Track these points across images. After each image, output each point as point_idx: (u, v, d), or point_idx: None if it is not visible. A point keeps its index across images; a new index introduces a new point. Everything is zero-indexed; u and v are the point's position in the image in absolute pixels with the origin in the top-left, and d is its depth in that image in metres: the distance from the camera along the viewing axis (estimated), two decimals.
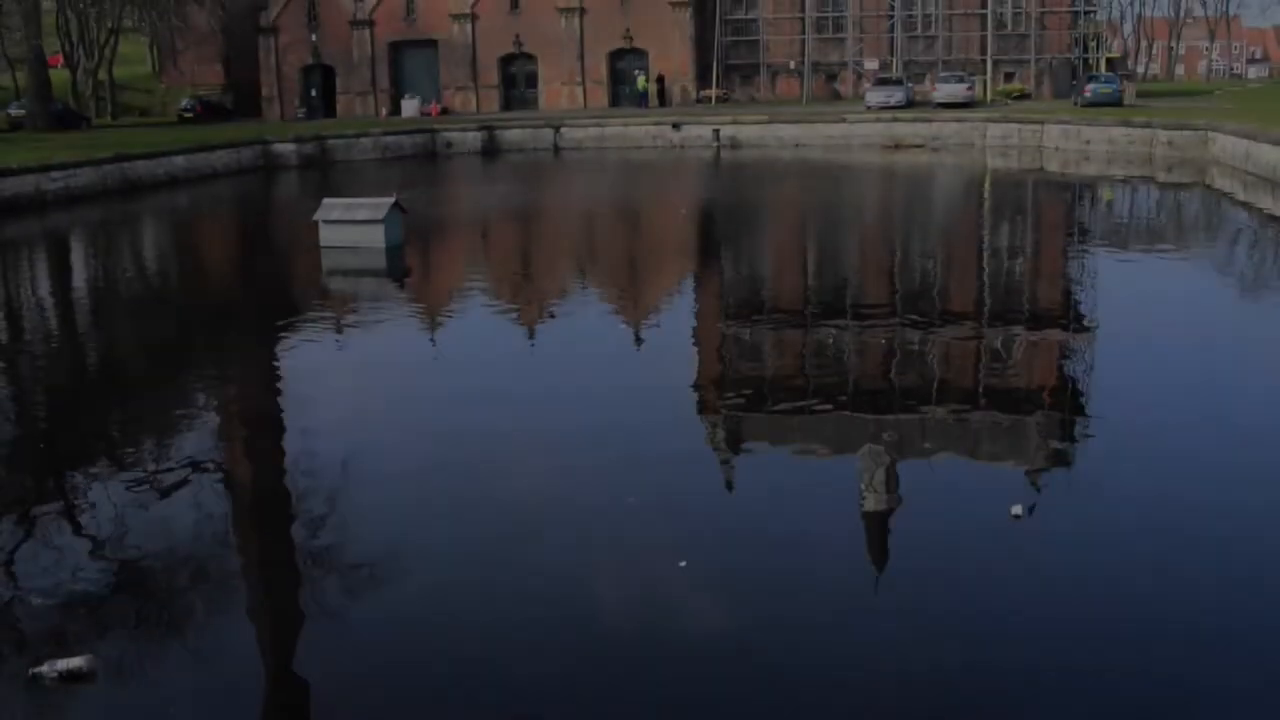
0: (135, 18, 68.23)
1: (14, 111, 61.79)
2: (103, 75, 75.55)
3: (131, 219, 32.75)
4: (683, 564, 7.62)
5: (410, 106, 64.43)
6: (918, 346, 13.91)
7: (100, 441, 11.25)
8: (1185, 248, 22.68)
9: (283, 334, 15.78)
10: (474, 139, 51.32)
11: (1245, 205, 26.58)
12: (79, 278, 23.53)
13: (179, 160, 41.43)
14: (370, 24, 66.28)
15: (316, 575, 7.84)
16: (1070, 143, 41.95)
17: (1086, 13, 62.19)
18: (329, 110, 67.89)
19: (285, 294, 19.72)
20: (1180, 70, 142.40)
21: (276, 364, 14.46)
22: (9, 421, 12.20)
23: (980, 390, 12.13)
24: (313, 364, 14.13)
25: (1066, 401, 11.67)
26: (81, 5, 65.87)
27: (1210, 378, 12.25)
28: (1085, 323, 15.22)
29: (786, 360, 13.93)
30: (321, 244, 21.87)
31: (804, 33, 63.85)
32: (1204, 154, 35.71)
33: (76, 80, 73.05)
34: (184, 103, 69.21)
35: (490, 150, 50.83)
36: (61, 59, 75.28)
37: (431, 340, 15.23)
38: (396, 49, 67.26)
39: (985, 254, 21.92)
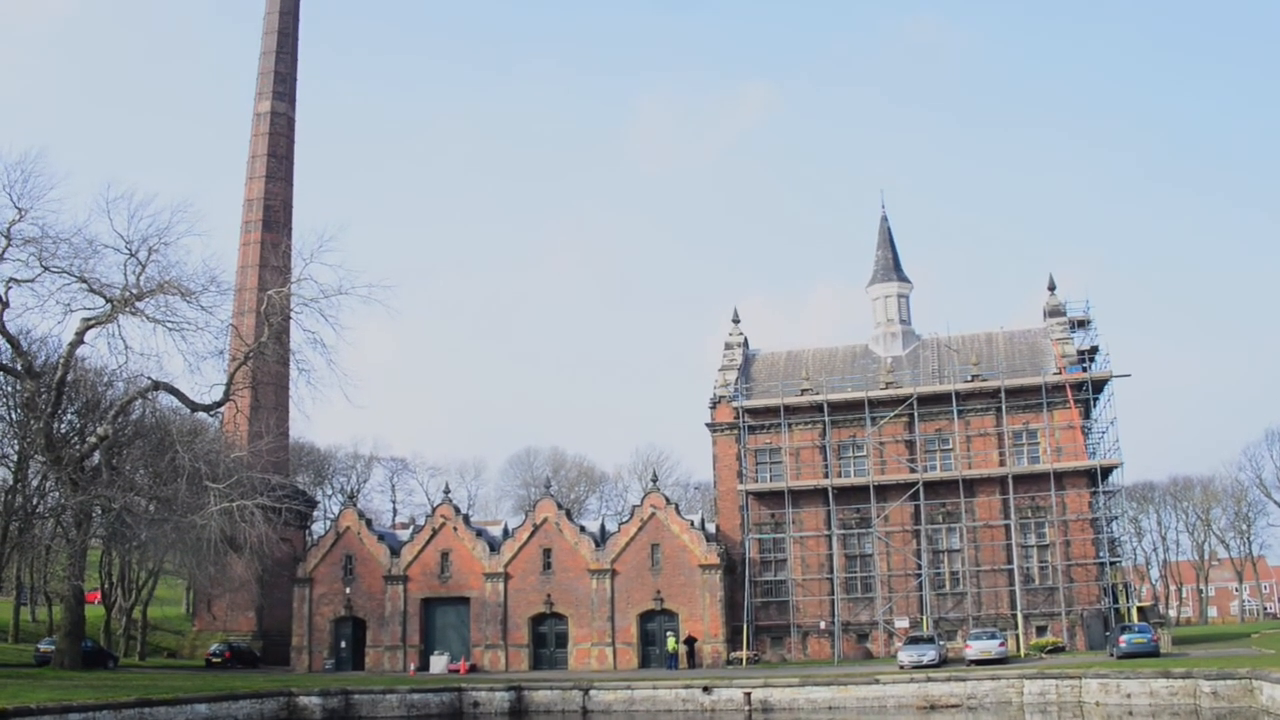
0: (176, 562, 70.34)
1: (44, 647, 62.50)
2: (136, 614, 76.98)
3: None
4: None
5: (439, 663, 64.29)
6: None
7: None
8: None
9: None
10: (501, 699, 50.14)
11: None
12: None
13: (201, 708, 40.88)
14: (404, 579, 67.76)
15: None
16: (1111, 697, 40.78)
17: (1112, 562, 62.86)
18: (357, 663, 68.07)
19: None
20: (1213, 611, 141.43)
21: None
22: None
23: None
24: None
25: None
26: (127, 548, 68.05)
27: None
28: None
29: None
30: None
31: (833, 593, 64.52)
32: (1252, 703, 34.71)
33: (110, 618, 74.25)
34: (213, 647, 70.16)
35: (518, 711, 49.68)
36: (99, 596, 77.22)
37: None
38: (428, 604, 68.29)
39: None
